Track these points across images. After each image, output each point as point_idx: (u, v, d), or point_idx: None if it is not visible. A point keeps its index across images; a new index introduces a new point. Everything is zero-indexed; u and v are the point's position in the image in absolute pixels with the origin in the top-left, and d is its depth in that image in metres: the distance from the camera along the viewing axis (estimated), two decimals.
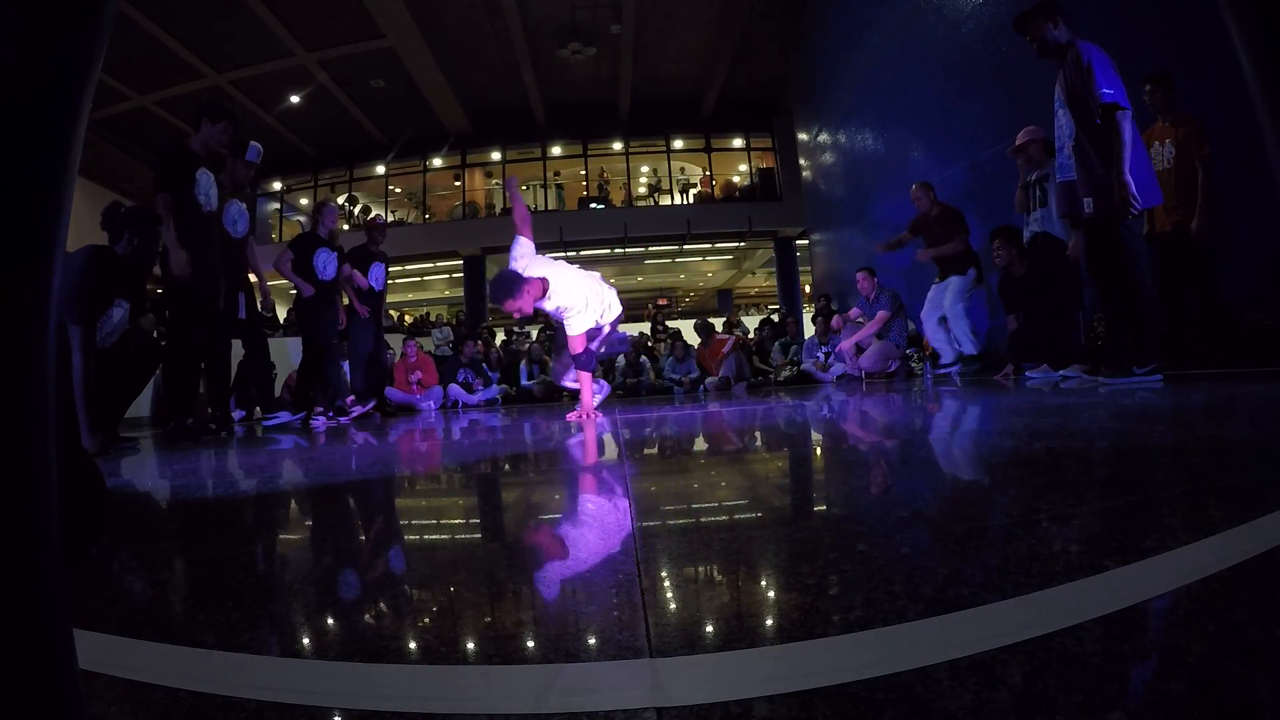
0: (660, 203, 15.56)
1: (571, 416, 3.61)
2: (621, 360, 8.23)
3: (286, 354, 6.87)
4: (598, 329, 3.77)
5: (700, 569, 0.73)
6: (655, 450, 2.03)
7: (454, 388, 7.62)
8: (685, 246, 16.17)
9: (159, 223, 3.43)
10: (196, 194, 3.75)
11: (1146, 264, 3.03)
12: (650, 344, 9.64)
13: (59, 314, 0.29)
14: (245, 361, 4.49)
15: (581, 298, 3.52)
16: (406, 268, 16.26)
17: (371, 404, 5.20)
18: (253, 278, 4.38)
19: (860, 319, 6.54)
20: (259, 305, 4.37)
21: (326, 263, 4.86)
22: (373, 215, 14.04)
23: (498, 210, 15.48)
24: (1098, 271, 3.12)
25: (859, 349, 6.44)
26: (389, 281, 6.07)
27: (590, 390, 3.72)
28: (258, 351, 4.44)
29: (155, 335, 4.00)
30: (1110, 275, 3.02)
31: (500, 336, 10.97)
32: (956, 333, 5.19)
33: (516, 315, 3.46)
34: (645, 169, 16.03)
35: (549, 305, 3.54)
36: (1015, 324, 4.70)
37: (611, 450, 2.12)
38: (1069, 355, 3.84)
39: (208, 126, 3.88)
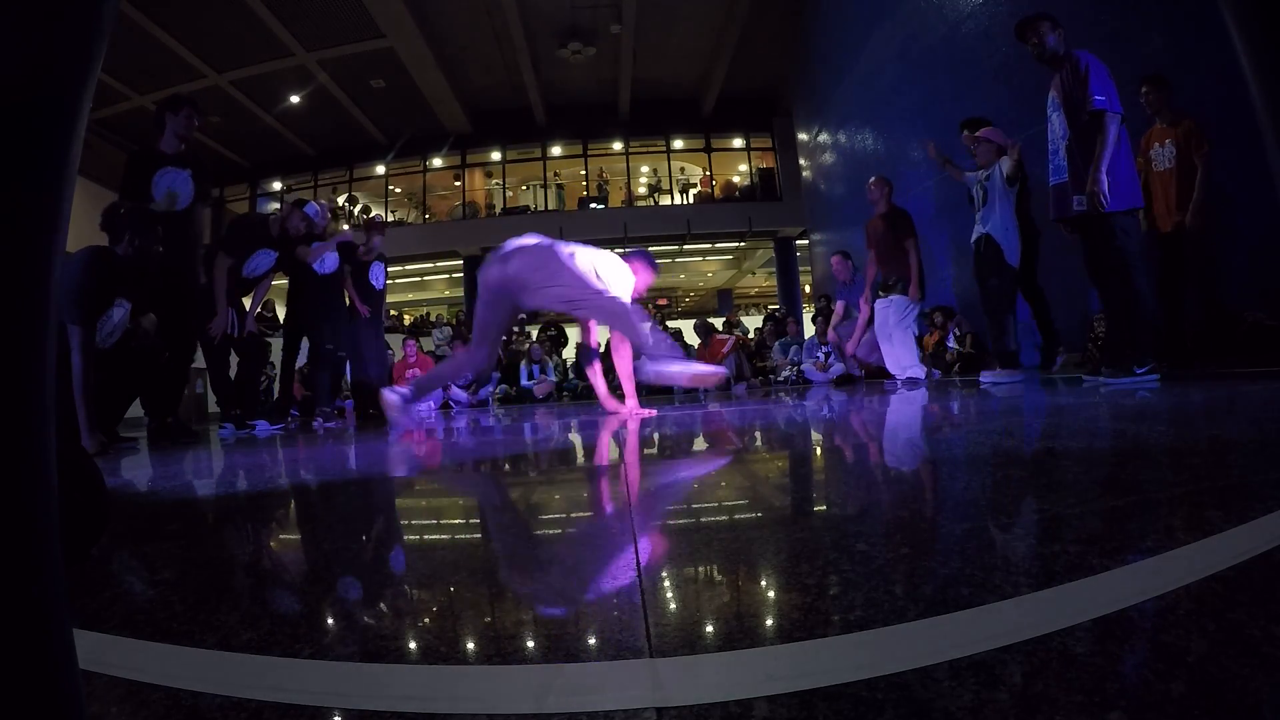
0: (660, 203, 15.56)
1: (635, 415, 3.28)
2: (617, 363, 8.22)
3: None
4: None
5: (700, 569, 0.73)
6: (655, 450, 2.03)
7: (455, 390, 7.61)
8: (685, 246, 16.17)
9: (158, 221, 3.44)
10: (156, 194, 3.76)
11: (1142, 264, 3.05)
12: None
13: (59, 314, 0.29)
14: (239, 370, 4.54)
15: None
16: (406, 268, 16.27)
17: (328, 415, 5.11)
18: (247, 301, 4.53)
19: (849, 310, 6.26)
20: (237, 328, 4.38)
21: (325, 257, 4.90)
22: (372, 215, 14.06)
23: (498, 210, 15.49)
24: (1095, 271, 3.14)
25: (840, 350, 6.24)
26: (389, 281, 6.08)
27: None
28: (248, 361, 4.51)
29: (156, 335, 4.03)
30: (1107, 275, 3.04)
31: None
32: (901, 356, 5.00)
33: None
34: (645, 169, 16.03)
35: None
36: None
37: (611, 450, 2.12)
38: (999, 358, 3.90)
39: (172, 119, 3.86)
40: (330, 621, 0.63)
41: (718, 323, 10.09)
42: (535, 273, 3.08)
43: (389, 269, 6.04)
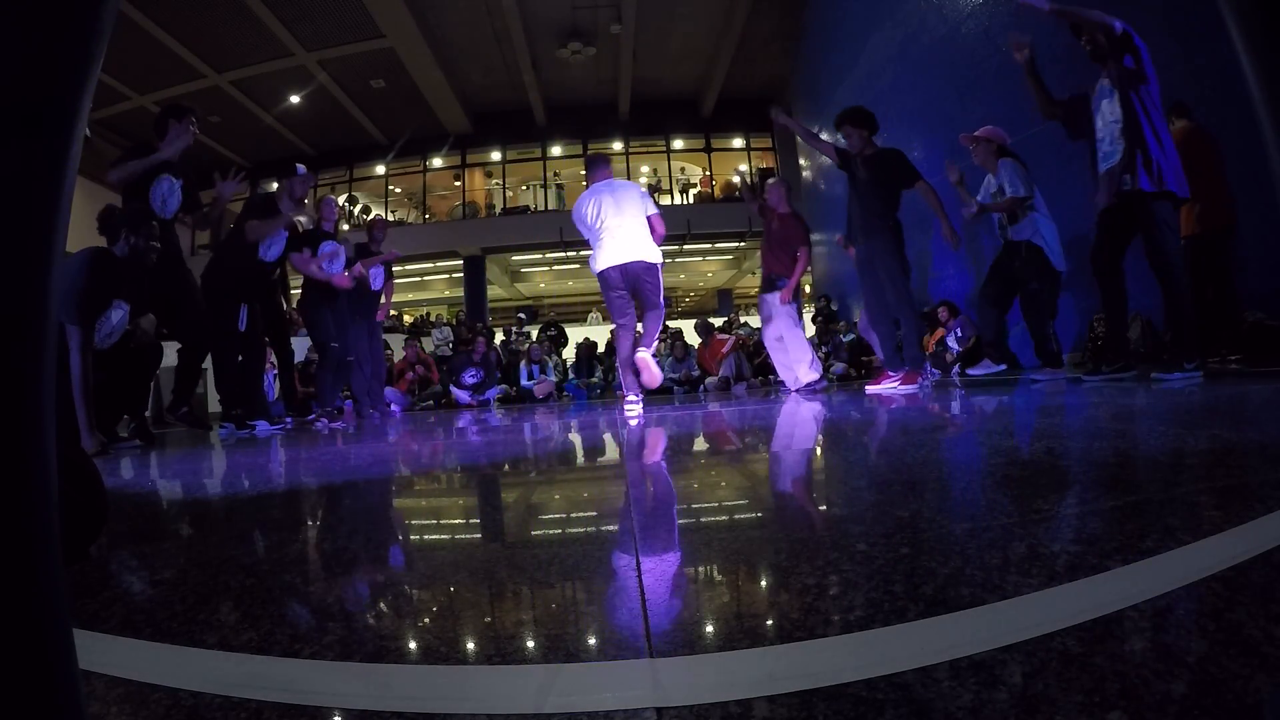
0: (660, 203, 15.53)
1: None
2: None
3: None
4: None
5: (700, 569, 0.73)
6: (655, 450, 2.03)
7: (457, 390, 7.63)
8: (685, 246, 16.18)
9: (153, 218, 3.41)
10: (153, 200, 3.74)
11: (1181, 259, 2.99)
12: None
13: (57, 315, 0.30)
14: (242, 368, 4.52)
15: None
16: (407, 268, 16.27)
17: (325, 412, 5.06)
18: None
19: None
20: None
21: (334, 255, 4.91)
22: (374, 215, 14.05)
23: (498, 210, 15.49)
24: (1153, 264, 3.01)
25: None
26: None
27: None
28: (252, 361, 4.47)
29: (156, 335, 4.02)
30: (1160, 269, 2.98)
31: (500, 336, 10.99)
32: (796, 354, 4.88)
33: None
34: (645, 169, 16.03)
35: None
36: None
37: (612, 450, 2.12)
38: (1042, 358, 3.83)
39: (175, 125, 3.85)
40: (330, 621, 0.63)
41: (718, 323, 10.10)
42: None
43: (392, 270, 6.05)
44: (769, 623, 0.56)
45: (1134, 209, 2.98)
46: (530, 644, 0.54)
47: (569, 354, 9.18)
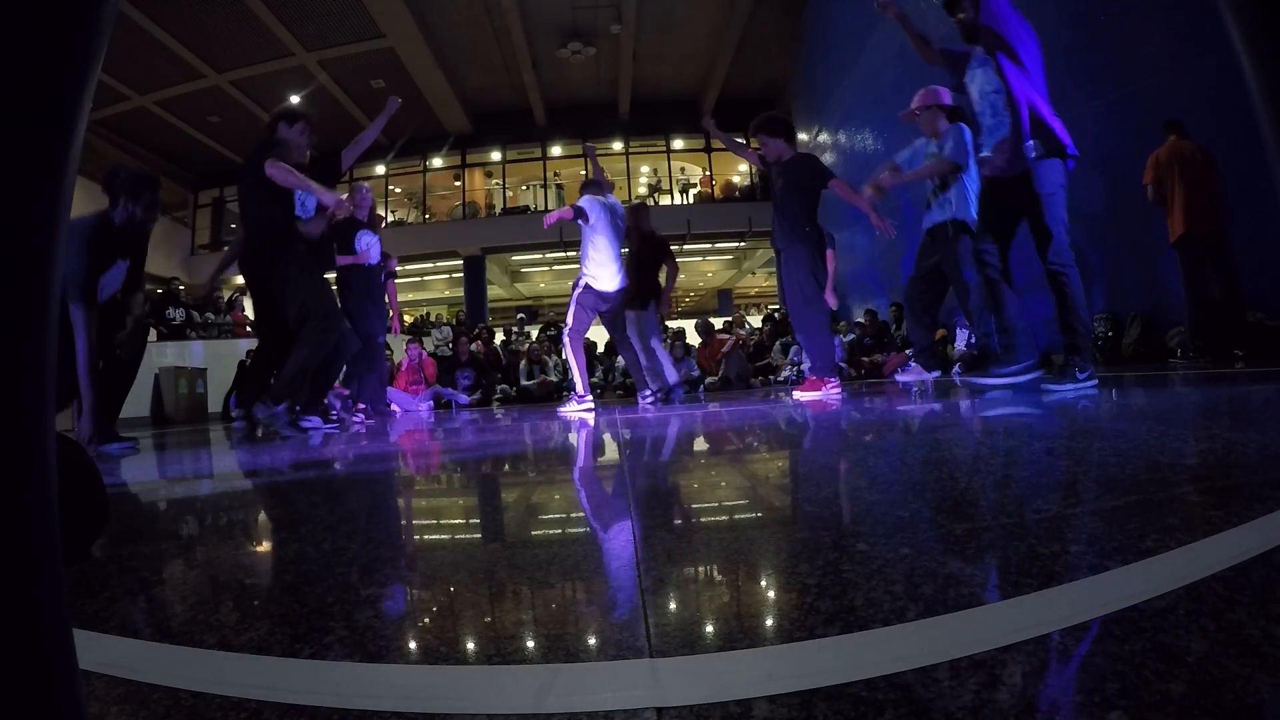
0: (660, 203, 15.56)
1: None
2: (621, 359, 8.24)
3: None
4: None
5: (700, 569, 0.73)
6: (655, 450, 2.03)
7: (446, 389, 7.65)
8: (685, 246, 16.19)
9: (156, 188, 3.28)
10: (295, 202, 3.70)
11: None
12: None
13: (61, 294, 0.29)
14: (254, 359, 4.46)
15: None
16: (407, 268, 16.28)
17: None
18: None
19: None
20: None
21: (370, 244, 4.87)
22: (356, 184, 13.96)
23: (498, 210, 15.49)
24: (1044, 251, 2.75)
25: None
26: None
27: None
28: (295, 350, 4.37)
29: (146, 310, 3.87)
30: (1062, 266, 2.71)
31: (500, 336, 10.98)
32: (661, 359, 5.12)
33: None
34: (645, 169, 16.04)
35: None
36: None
37: (611, 450, 2.12)
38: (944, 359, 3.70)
39: (286, 129, 3.72)
40: (330, 621, 0.63)
41: (718, 323, 10.10)
42: None
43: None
44: (769, 623, 0.56)
45: (1020, 186, 2.70)
46: (530, 644, 0.54)
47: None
